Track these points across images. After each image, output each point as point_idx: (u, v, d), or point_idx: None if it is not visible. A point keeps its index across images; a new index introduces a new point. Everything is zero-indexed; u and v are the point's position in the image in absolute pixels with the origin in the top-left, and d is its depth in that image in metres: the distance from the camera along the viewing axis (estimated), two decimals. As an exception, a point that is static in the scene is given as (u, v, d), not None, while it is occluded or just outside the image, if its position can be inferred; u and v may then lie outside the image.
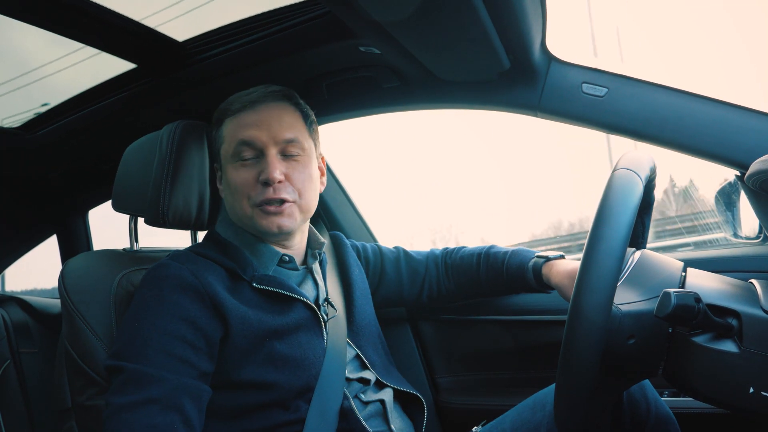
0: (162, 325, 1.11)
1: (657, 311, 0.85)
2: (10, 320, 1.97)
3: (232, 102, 1.34)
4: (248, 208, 1.28)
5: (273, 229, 1.28)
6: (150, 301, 1.15)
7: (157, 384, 1.05)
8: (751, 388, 0.85)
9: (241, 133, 1.29)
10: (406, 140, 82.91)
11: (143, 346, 1.09)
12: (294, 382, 1.20)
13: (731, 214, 1.48)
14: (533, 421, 1.30)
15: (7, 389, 1.84)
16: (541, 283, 1.46)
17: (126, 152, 1.48)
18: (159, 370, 1.07)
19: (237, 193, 1.28)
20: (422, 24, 1.16)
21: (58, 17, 1.31)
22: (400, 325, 1.94)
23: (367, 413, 1.29)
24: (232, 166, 1.30)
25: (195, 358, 1.12)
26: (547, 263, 1.44)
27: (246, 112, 1.31)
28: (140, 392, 1.04)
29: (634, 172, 0.94)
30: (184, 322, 1.13)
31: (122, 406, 1.03)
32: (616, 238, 0.86)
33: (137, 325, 1.12)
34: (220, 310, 1.16)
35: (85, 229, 2.36)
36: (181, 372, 1.08)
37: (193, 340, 1.12)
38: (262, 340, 1.18)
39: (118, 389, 1.06)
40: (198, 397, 1.09)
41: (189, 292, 1.16)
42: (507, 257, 1.55)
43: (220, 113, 1.35)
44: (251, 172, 1.28)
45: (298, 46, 1.42)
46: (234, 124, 1.31)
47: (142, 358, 1.07)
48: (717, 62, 74.80)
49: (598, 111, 1.44)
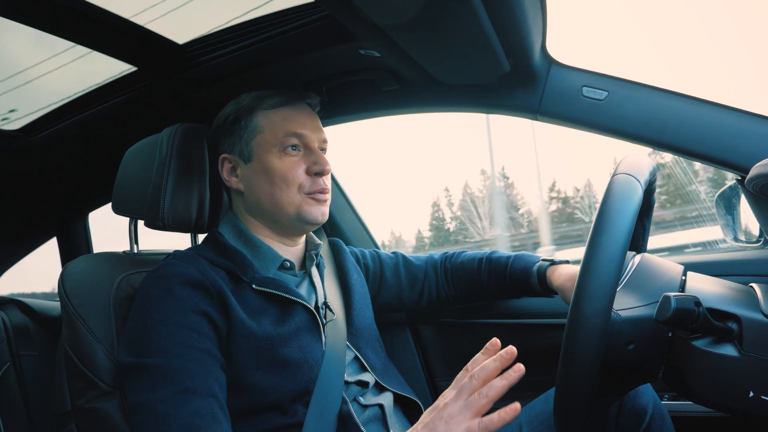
0: (177, 319, 1.11)
1: (657, 315, 0.85)
2: (10, 323, 1.97)
3: (263, 96, 1.36)
4: (297, 195, 1.31)
5: (319, 217, 1.33)
6: (160, 298, 1.14)
7: (187, 374, 1.05)
8: (751, 391, 0.85)
9: (292, 125, 1.33)
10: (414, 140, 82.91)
11: (162, 341, 1.08)
12: (292, 386, 1.19)
13: (731, 218, 1.48)
14: (548, 411, 1.34)
15: (7, 392, 1.84)
16: (545, 287, 1.48)
17: (126, 155, 1.48)
18: (185, 362, 1.06)
19: (284, 181, 1.30)
20: (422, 27, 1.16)
21: (59, 20, 1.31)
22: (400, 329, 1.94)
23: (365, 417, 1.29)
24: (276, 156, 1.31)
25: (214, 349, 1.12)
26: (551, 267, 1.46)
27: (287, 108, 1.36)
28: (173, 385, 1.04)
29: (634, 176, 0.94)
30: (198, 314, 1.13)
31: (157, 400, 1.02)
32: (615, 244, 0.86)
33: (150, 322, 1.11)
34: (226, 308, 1.17)
35: (85, 231, 2.35)
36: (205, 362, 1.09)
37: (208, 332, 1.13)
38: (261, 342, 1.18)
39: (147, 386, 1.05)
40: (223, 386, 1.11)
41: (197, 288, 1.16)
42: (510, 261, 1.56)
43: (246, 106, 1.36)
44: (299, 163, 1.32)
45: (298, 49, 1.43)
46: (278, 116, 1.34)
47: (164, 353, 1.07)
48: (717, 65, 74.81)
49: (599, 115, 1.44)
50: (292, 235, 1.38)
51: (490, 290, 1.61)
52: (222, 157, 1.38)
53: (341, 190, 2.13)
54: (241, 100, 1.38)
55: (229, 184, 1.37)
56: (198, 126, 1.44)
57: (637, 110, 1.41)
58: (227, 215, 1.41)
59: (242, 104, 1.36)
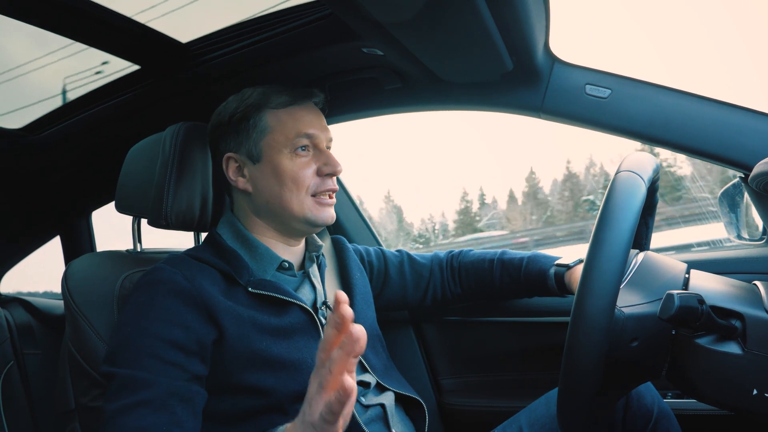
0: (153, 329, 1.11)
1: (660, 313, 0.85)
2: (14, 321, 1.97)
3: (269, 93, 1.33)
4: (306, 197, 1.30)
5: (328, 219, 1.33)
6: (142, 305, 1.15)
7: (148, 388, 1.05)
8: (755, 389, 0.85)
9: (302, 126, 1.31)
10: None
11: (135, 350, 1.09)
12: (292, 386, 1.19)
13: (735, 216, 1.48)
14: (548, 415, 1.34)
15: (11, 391, 1.85)
16: (563, 287, 1.48)
17: (129, 153, 1.48)
18: (150, 374, 1.07)
19: (295, 182, 1.29)
20: (425, 26, 1.16)
21: (62, 19, 1.31)
22: (402, 327, 1.94)
23: (367, 417, 1.29)
24: (287, 156, 1.29)
25: (186, 362, 1.11)
26: (569, 270, 1.46)
27: (296, 107, 1.34)
28: (132, 396, 1.04)
29: (637, 174, 0.94)
30: (176, 326, 1.12)
31: (116, 410, 1.03)
32: (618, 241, 0.86)
33: (129, 329, 1.12)
34: (213, 315, 1.16)
35: (88, 230, 2.36)
36: (173, 376, 1.08)
37: (184, 344, 1.12)
38: (257, 345, 1.18)
39: (113, 395, 1.06)
40: (189, 400, 1.09)
41: (181, 296, 1.15)
42: (525, 263, 1.56)
43: (253, 104, 1.33)
44: (309, 164, 1.31)
45: (301, 47, 1.43)
46: (288, 115, 1.32)
47: (133, 363, 1.07)
48: (721, 63, 74.41)
49: (602, 113, 1.44)
50: (297, 236, 1.38)
51: (502, 290, 1.61)
52: (227, 156, 1.34)
53: (344, 188, 2.13)
54: (245, 96, 1.34)
55: (235, 184, 1.34)
56: (201, 124, 1.44)
57: (640, 108, 1.41)
58: (226, 215, 1.39)
59: (248, 101, 1.33)
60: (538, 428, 1.34)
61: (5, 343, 1.90)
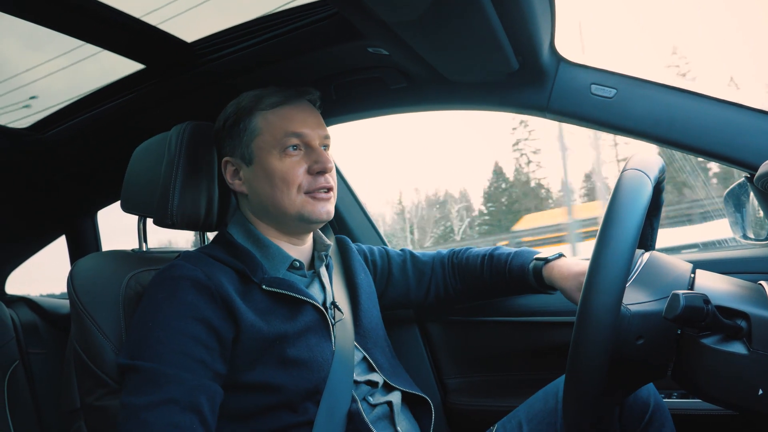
0: (177, 325, 1.11)
1: (666, 313, 0.85)
2: (20, 321, 1.98)
3: (261, 96, 1.34)
4: (297, 196, 1.30)
5: (323, 215, 1.32)
6: (163, 301, 1.15)
7: (175, 384, 1.05)
8: (760, 389, 0.85)
9: (291, 125, 1.31)
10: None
11: (158, 345, 1.09)
12: (303, 385, 1.20)
13: (740, 216, 1.47)
14: (546, 409, 1.34)
15: (17, 390, 1.85)
16: (542, 284, 1.48)
17: (135, 153, 1.49)
18: (177, 370, 1.07)
19: (285, 182, 1.29)
20: (431, 25, 1.16)
21: (67, 18, 1.31)
22: (408, 327, 1.94)
23: (374, 416, 1.30)
24: (276, 157, 1.30)
25: (210, 359, 1.12)
26: (548, 265, 1.46)
27: (286, 107, 1.34)
28: (159, 392, 1.04)
29: (644, 172, 0.94)
30: (199, 322, 1.13)
31: (141, 406, 1.03)
32: (624, 239, 0.86)
33: (151, 325, 1.12)
34: (233, 312, 1.17)
35: (93, 229, 2.36)
36: (197, 372, 1.09)
37: (207, 341, 1.12)
38: (272, 342, 1.19)
39: (136, 389, 1.06)
40: (212, 398, 1.10)
41: (202, 292, 1.16)
42: (509, 259, 1.56)
43: (245, 107, 1.34)
44: (300, 163, 1.30)
45: (306, 47, 1.43)
46: (277, 116, 1.32)
47: (157, 358, 1.08)
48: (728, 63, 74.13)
49: (607, 112, 1.44)
50: (298, 234, 1.38)
51: (492, 288, 1.61)
52: (225, 160, 1.37)
53: (348, 186, 2.13)
54: (240, 100, 1.36)
55: (233, 187, 1.37)
56: (206, 124, 1.44)
57: (646, 108, 1.40)
58: (236, 215, 1.41)
59: (241, 105, 1.35)
60: (536, 423, 1.35)
61: (11, 342, 1.90)
